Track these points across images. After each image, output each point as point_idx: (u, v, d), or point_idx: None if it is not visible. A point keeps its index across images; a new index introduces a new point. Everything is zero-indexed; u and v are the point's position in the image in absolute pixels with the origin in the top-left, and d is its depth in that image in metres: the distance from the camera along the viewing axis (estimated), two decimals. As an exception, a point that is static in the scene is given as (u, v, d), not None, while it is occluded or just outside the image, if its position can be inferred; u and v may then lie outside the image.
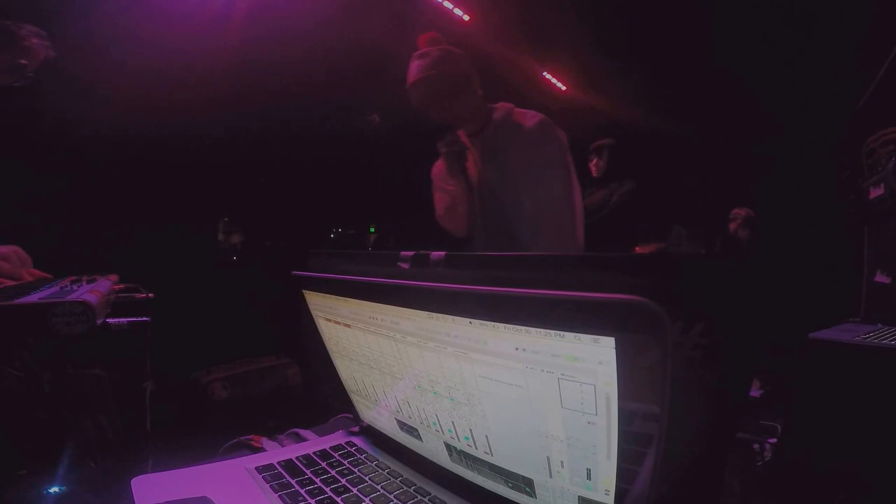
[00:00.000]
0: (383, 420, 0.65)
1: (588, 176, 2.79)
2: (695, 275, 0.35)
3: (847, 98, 2.22)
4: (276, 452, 0.67)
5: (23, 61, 1.18)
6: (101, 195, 2.39)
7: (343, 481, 0.57)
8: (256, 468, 0.60)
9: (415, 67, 1.24)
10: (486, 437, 0.47)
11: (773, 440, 0.78)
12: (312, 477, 0.58)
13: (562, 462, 0.40)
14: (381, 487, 0.55)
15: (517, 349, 0.39)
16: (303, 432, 0.77)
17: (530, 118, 1.28)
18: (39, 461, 1.09)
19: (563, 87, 3.80)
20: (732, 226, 3.15)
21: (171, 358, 1.65)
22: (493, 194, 1.29)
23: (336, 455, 0.64)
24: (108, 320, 1.05)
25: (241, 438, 0.76)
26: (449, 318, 0.44)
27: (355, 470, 0.60)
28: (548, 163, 1.23)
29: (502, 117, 1.30)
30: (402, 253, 0.56)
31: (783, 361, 1.04)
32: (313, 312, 0.68)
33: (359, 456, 0.64)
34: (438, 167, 1.36)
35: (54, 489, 1.08)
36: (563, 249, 1.22)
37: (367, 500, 0.53)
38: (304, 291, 0.67)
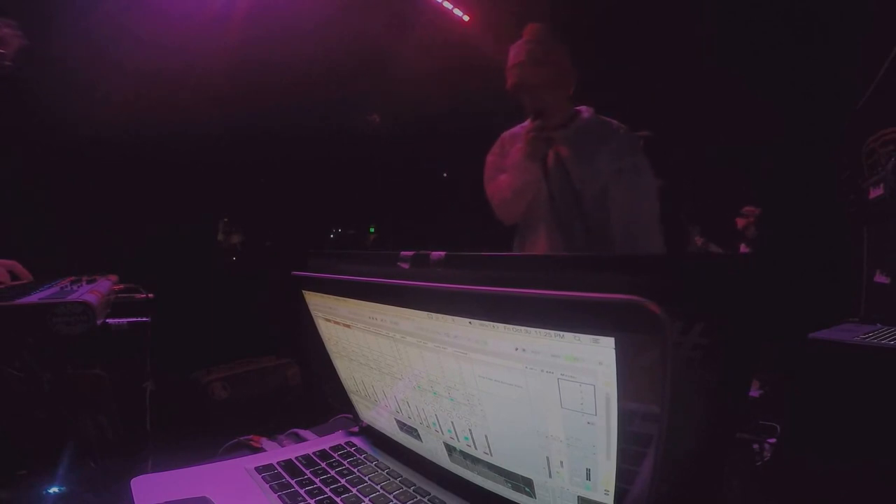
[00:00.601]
0: (383, 420, 0.65)
1: None
2: (695, 275, 0.35)
3: (847, 98, 2.22)
4: (275, 452, 0.67)
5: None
6: (101, 195, 2.39)
7: (343, 481, 0.57)
8: (256, 468, 0.60)
9: (525, 50, 1.28)
10: (486, 437, 0.47)
11: (773, 440, 0.77)
12: (312, 477, 0.58)
13: (561, 462, 0.40)
14: (381, 487, 0.55)
15: (517, 349, 0.39)
16: (302, 432, 0.77)
17: (617, 126, 1.34)
18: (39, 461, 1.09)
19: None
20: (742, 222, 3.14)
21: (171, 358, 1.65)
22: (572, 189, 1.29)
23: (335, 455, 0.64)
24: (108, 320, 1.05)
25: (241, 438, 0.76)
26: (449, 318, 0.44)
27: (355, 470, 0.60)
28: (639, 171, 1.29)
29: (589, 118, 1.35)
30: (402, 253, 0.56)
31: (783, 361, 1.04)
32: (313, 313, 0.68)
33: (358, 456, 0.64)
34: (515, 151, 1.34)
35: (54, 489, 1.08)
36: (650, 248, 1.28)
37: (366, 500, 0.53)
38: (303, 291, 0.67)
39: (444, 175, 4.24)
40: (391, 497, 0.54)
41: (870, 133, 2.02)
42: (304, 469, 0.60)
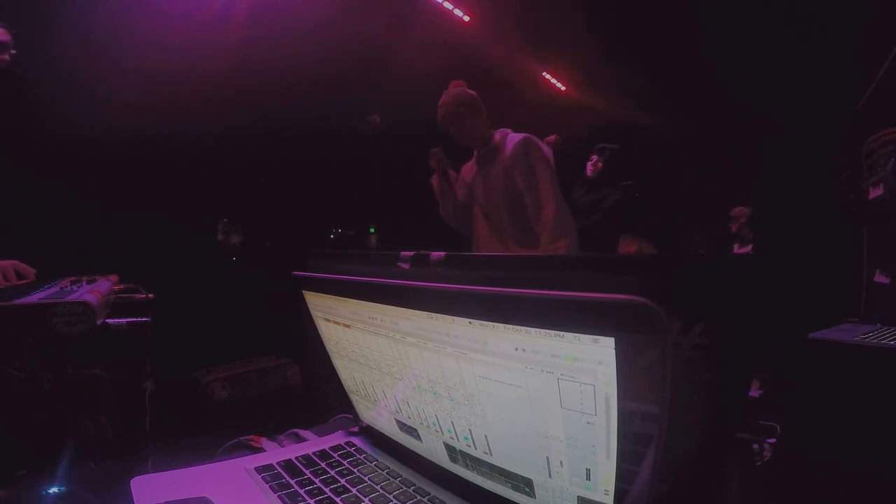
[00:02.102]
0: (383, 420, 0.65)
1: (581, 175, 2.79)
2: (695, 275, 0.35)
3: (847, 98, 2.22)
4: (275, 453, 0.67)
5: None
6: (102, 195, 2.39)
7: (342, 481, 0.57)
8: (256, 468, 0.60)
9: (444, 97, 1.70)
10: (486, 437, 0.47)
11: (773, 440, 0.77)
12: (312, 477, 0.58)
13: (561, 462, 0.40)
14: (381, 487, 0.55)
15: (517, 349, 0.39)
16: (302, 432, 0.77)
17: (517, 139, 1.66)
18: (39, 461, 1.09)
19: (563, 88, 3.81)
20: (735, 227, 3.13)
21: (171, 358, 1.65)
22: (487, 199, 1.73)
23: (335, 455, 0.64)
24: (108, 320, 1.06)
25: (241, 439, 0.76)
26: (448, 318, 0.44)
27: (355, 470, 0.60)
28: (531, 171, 1.62)
29: (498, 139, 1.71)
30: (402, 253, 0.56)
31: (783, 361, 1.04)
32: (313, 313, 0.68)
33: (358, 456, 0.64)
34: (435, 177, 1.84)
35: (54, 489, 1.08)
36: (554, 238, 1.57)
37: (366, 500, 0.53)
38: (303, 292, 0.67)
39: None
40: (391, 497, 0.54)
41: (869, 133, 2.02)
42: (303, 469, 0.60)
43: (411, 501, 0.53)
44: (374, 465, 0.61)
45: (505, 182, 1.65)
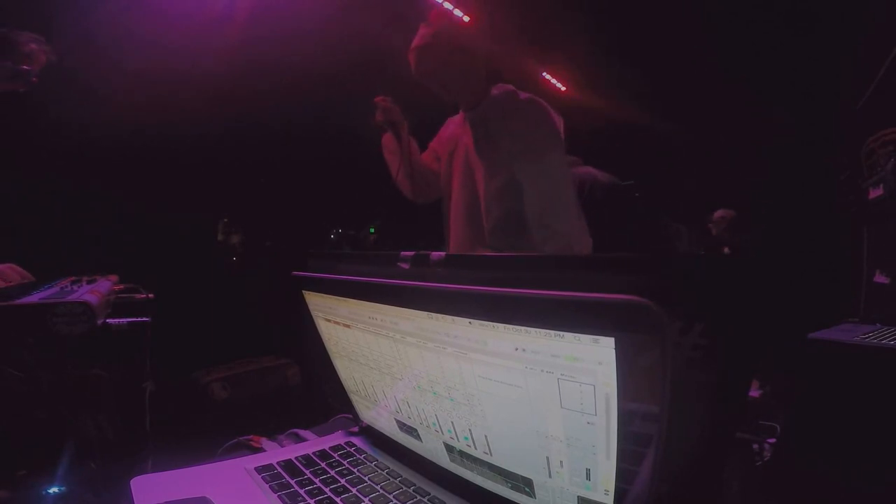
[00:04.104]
0: (383, 420, 0.65)
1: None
2: (695, 275, 0.35)
3: (847, 98, 2.22)
4: (275, 453, 0.67)
5: (25, 67, 1.19)
6: (102, 195, 2.39)
7: (342, 481, 0.57)
8: (256, 468, 0.60)
9: (418, 35, 1.25)
10: (486, 437, 0.47)
11: (773, 440, 0.77)
12: (312, 477, 0.58)
13: (561, 462, 0.40)
14: (381, 487, 0.55)
15: (517, 349, 0.39)
16: (302, 432, 0.77)
17: (526, 100, 1.25)
18: (39, 461, 1.09)
19: (563, 88, 3.80)
20: (714, 230, 3.12)
21: (171, 358, 1.65)
22: (474, 171, 1.26)
23: (335, 455, 0.64)
24: (108, 320, 1.06)
25: (241, 439, 0.76)
26: (449, 318, 0.44)
27: (355, 470, 0.60)
28: (544, 149, 1.20)
29: (496, 96, 1.26)
30: (402, 253, 0.56)
31: (783, 361, 1.04)
32: (313, 313, 0.68)
33: (358, 456, 0.64)
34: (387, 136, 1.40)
35: (54, 489, 1.08)
36: (566, 231, 1.18)
37: (366, 500, 0.53)
38: (303, 292, 0.67)
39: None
40: (391, 497, 0.54)
41: (869, 133, 2.02)
42: (303, 469, 0.60)
43: (411, 501, 0.53)
44: (374, 465, 0.61)
45: (502, 164, 1.22)
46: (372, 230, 4.01)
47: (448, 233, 1.38)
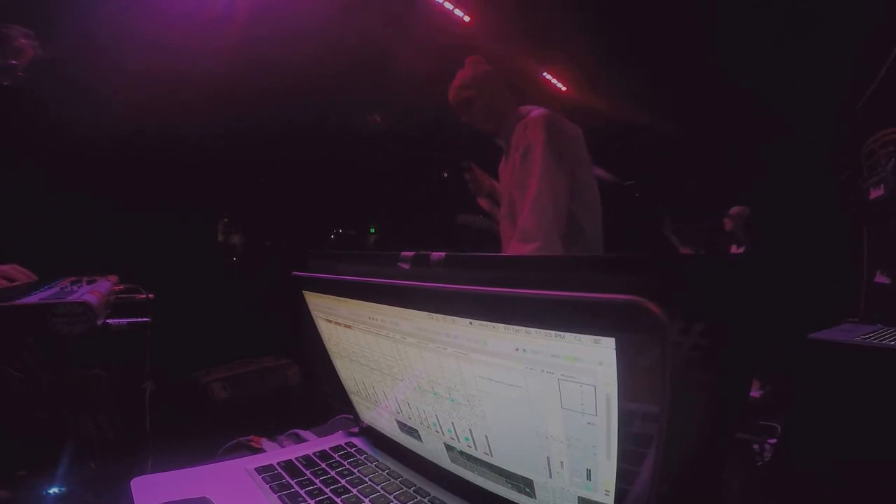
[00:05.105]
0: (383, 421, 0.65)
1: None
2: (695, 275, 0.35)
3: (847, 98, 2.22)
4: (275, 453, 0.67)
5: (12, 62, 1.19)
6: (102, 195, 2.39)
7: (343, 482, 0.57)
8: (256, 469, 0.60)
9: (456, 77, 1.49)
10: (486, 437, 0.47)
11: (773, 440, 0.77)
12: (312, 478, 0.58)
13: (562, 462, 0.40)
14: (381, 488, 0.55)
15: (517, 350, 0.39)
16: (303, 433, 0.77)
17: (526, 117, 1.37)
18: (39, 461, 1.08)
19: (563, 88, 3.81)
20: (729, 224, 3.13)
21: (171, 358, 1.65)
22: (510, 192, 1.43)
23: (336, 456, 0.64)
24: (108, 321, 1.05)
25: (241, 439, 0.75)
26: (449, 318, 0.44)
27: (355, 471, 0.60)
28: (524, 157, 1.33)
29: (516, 120, 1.41)
30: (403, 253, 0.55)
31: (783, 361, 1.04)
32: (313, 313, 0.68)
33: (358, 457, 0.64)
34: None
35: (54, 489, 1.08)
36: (524, 240, 1.30)
37: (366, 500, 0.53)
38: (304, 292, 0.67)
39: (444, 175, 4.25)
40: (391, 497, 0.53)
41: (869, 134, 2.02)
42: (304, 470, 0.60)
43: (412, 502, 0.53)
44: (375, 465, 0.61)
45: (511, 174, 1.39)
46: (372, 230, 4.01)
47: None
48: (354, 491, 0.55)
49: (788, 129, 2.83)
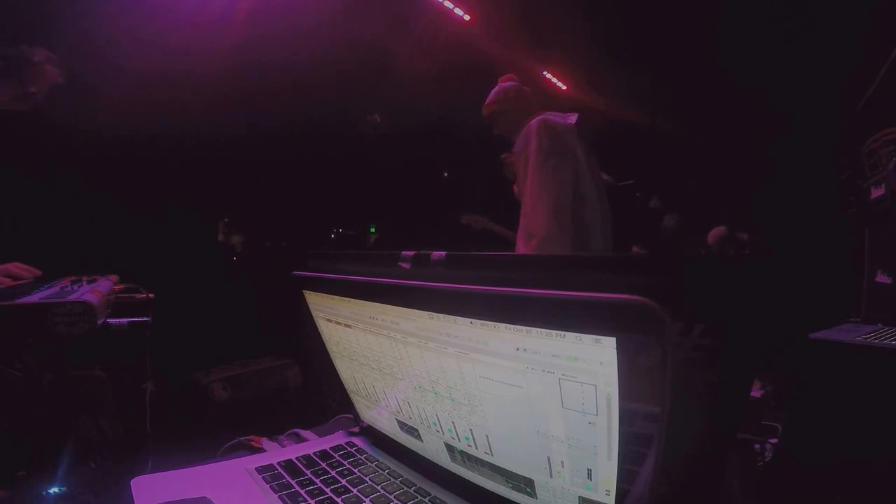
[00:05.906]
0: (383, 420, 0.65)
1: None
2: (695, 275, 0.35)
3: (847, 98, 2.22)
4: (276, 453, 0.67)
5: (32, 90, 1.19)
6: (102, 195, 2.39)
7: (343, 482, 0.57)
8: (256, 469, 0.60)
9: (492, 93, 1.67)
10: (487, 437, 0.47)
11: (774, 440, 0.77)
12: (312, 477, 0.58)
13: (562, 462, 0.40)
14: (382, 488, 0.55)
15: (518, 349, 0.39)
16: (303, 433, 0.77)
17: (527, 126, 1.49)
18: (39, 461, 1.08)
19: (564, 87, 3.81)
20: (713, 245, 3.10)
21: (171, 358, 1.65)
22: (521, 199, 1.53)
23: (336, 455, 0.64)
24: (108, 321, 1.05)
25: (241, 439, 0.75)
26: (450, 318, 0.44)
27: (355, 470, 0.60)
28: (524, 165, 1.46)
29: (523, 129, 1.53)
30: (403, 253, 0.55)
31: (784, 361, 1.04)
32: (314, 313, 0.68)
33: (359, 456, 0.64)
34: None
35: (54, 489, 1.08)
36: (526, 236, 1.41)
37: (367, 500, 0.53)
38: (304, 292, 0.67)
39: (445, 175, 4.25)
40: (392, 497, 0.53)
41: (870, 133, 2.01)
42: (304, 469, 0.60)
43: (412, 502, 0.53)
44: (375, 465, 0.61)
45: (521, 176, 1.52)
46: (372, 230, 4.01)
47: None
48: (355, 491, 0.55)
49: (789, 129, 2.83)
